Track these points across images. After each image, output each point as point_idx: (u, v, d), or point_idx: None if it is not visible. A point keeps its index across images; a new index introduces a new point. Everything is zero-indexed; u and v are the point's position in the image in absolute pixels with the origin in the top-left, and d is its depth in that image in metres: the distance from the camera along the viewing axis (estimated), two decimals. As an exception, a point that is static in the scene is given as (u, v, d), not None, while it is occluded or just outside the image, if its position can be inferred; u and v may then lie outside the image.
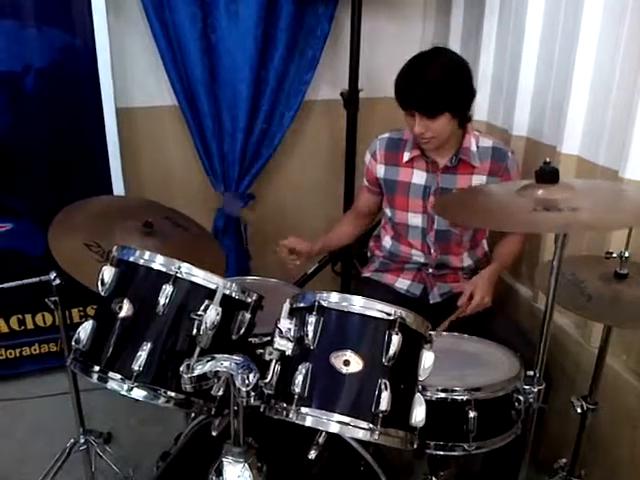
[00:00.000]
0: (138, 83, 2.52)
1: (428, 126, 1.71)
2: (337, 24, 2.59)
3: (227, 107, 2.51)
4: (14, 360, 2.52)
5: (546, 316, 1.24)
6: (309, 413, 1.06)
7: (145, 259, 1.19)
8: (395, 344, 1.07)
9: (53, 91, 2.24)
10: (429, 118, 1.69)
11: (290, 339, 1.11)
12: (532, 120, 2.14)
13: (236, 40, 2.42)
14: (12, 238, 2.37)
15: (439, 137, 1.75)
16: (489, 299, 1.75)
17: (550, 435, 1.86)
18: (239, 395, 1.08)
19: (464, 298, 1.73)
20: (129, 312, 1.16)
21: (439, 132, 1.73)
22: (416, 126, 1.71)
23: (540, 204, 1.17)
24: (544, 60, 2.05)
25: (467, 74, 1.74)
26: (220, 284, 1.17)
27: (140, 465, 1.97)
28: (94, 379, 1.16)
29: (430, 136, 1.74)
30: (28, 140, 2.27)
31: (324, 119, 2.81)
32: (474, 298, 1.72)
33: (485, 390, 1.36)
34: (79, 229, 1.60)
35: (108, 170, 2.36)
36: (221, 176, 2.62)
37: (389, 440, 1.08)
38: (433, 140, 1.76)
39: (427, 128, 1.72)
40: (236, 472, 1.14)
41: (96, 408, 2.04)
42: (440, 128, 1.72)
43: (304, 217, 2.83)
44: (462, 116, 1.78)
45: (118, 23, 2.37)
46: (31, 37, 2.14)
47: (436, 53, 1.74)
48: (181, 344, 1.16)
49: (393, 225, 1.97)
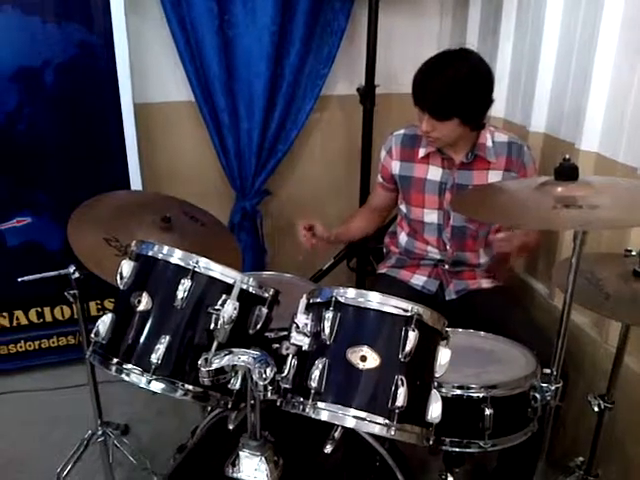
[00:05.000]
0: (155, 78, 2.54)
1: (435, 126, 1.71)
2: (354, 19, 2.59)
3: (243, 103, 2.53)
4: (33, 352, 2.56)
5: (564, 314, 1.23)
6: (325, 408, 1.07)
7: (164, 253, 1.20)
8: (412, 340, 1.07)
9: (72, 86, 2.26)
10: (437, 120, 1.69)
11: (307, 334, 1.12)
12: (550, 116, 2.12)
13: (252, 36, 2.43)
14: (31, 232, 2.40)
15: (444, 139, 1.75)
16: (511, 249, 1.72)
17: (566, 433, 1.85)
18: (256, 389, 1.09)
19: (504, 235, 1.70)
20: (148, 306, 1.17)
21: (445, 134, 1.72)
22: (424, 123, 1.71)
23: (560, 201, 1.16)
24: (563, 56, 2.03)
25: (485, 84, 1.71)
26: (237, 279, 1.17)
27: (156, 457, 1.99)
28: (113, 371, 1.17)
29: (435, 136, 1.73)
30: (47, 135, 2.30)
31: (340, 115, 2.81)
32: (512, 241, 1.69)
33: (501, 387, 1.36)
34: (98, 223, 1.61)
35: (126, 165, 2.38)
36: (237, 171, 2.63)
37: (405, 436, 1.08)
38: (438, 140, 1.76)
39: (433, 128, 1.71)
40: (252, 465, 1.16)
41: (113, 400, 2.05)
42: (447, 131, 1.71)
43: (319, 213, 2.81)
44: (473, 123, 1.75)
45: (136, 19, 2.38)
46: (51, 33, 2.16)
47: (459, 56, 1.71)
48: (199, 338, 1.16)
49: (409, 222, 1.97)
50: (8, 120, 2.24)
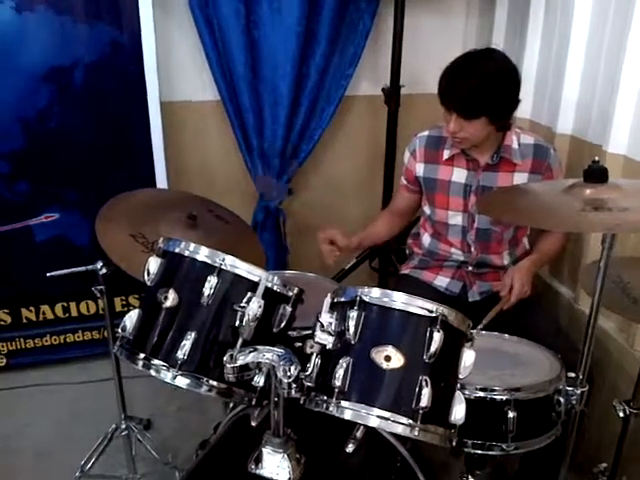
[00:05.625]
0: (182, 78, 2.57)
1: (463, 126, 1.69)
2: (379, 19, 2.59)
3: (268, 103, 2.54)
4: (58, 346, 2.61)
5: (591, 317, 1.22)
6: (349, 407, 1.07)
7: (190, 251, 1.21)
8: (436, 341, 1.07)
9: (100, 85, 2.30)
10: (465, 119, 1.68)
11: (331, 333, 1.12)
12: (577, 118, 2.10)
13: (278, 36, 2.44)
14: (59, 227, 2.44)
15: (472, 139, 1.73)
16: (528, 288, 1.73)
17: (590, 438, 1.83)
18: (280, 386, 1.10)
19: (505, 289, 1.71)
20: (174, 302, 1.17)
21: (472, 134, 1.71)
22: (451, 123, 1.70)
23: (589, 203, 1.15)
24: (591, 57, 2.01)
25: (513, 82, 1.70)
26: (263, 277, 1.18)
27: (178, 452, 2.01)
28: (139, 366, 1.18)
29: (463, 136, 1.72)
30: (76, 132, 2.34)
31: (364, 115, 2.80)
32: (514, 287, 1.69)
33: (525, 390, 1.35)
34: (125, 220, 1.64)
35: (152, 163, 2.42)
36: (261, 171, 2.64)
37: (428, 436, 1.08)
38: (465, 141, 1.74)
39: (461, 128, 1.70)
40: (275, 462, 1.16)
41: (136, 395, 2.09)
42: (474, 131, 1.70)
43: (342, 214, 2.84)
44: (500, 123, 1.74)
45: (164, 19, 2.42)
46: (82, 32, 2.21)
47: (486, 55, 1.70)
48: (224, 335, 1.17)
49: (433, 223, 1.96)
50: (39, 118, 2.28)
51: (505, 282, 1.73)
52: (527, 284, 1.72)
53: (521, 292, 1.70)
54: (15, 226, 2.41)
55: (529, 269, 1.77)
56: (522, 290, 1.70)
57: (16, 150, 2.30)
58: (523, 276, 1.73)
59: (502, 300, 1.71)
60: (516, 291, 1.69)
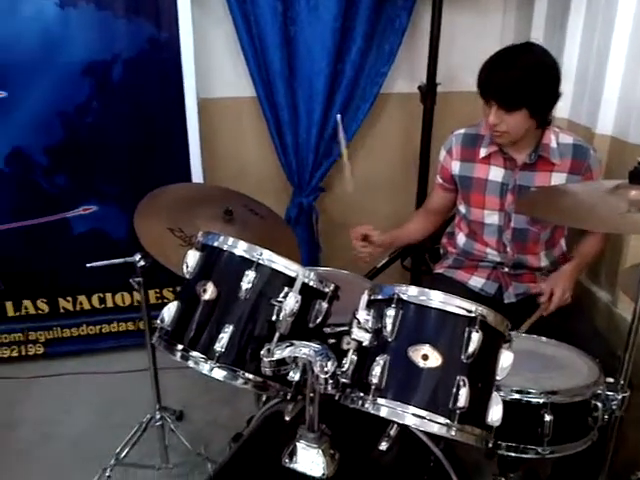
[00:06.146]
0: (219, 74, 2.59)
1: (503, 118, 1.67)
2: (416, 16, 2.57)
3: (303, 100, 2.54)
4: (94, 336, 2.66)
5: (634, 321, 1.19)
6: (385, 404, 1.07)
7: (229, 244, 1.22)
8: (475, 342, 1.06)
9: (138, 81, 2.34)
10: (506, 111, 1.66)
11: (368, 330, 1.12)
12: (618, 119, 2.06)
13: (315, 33, 2.44)
14: (97, 220, 2.49)
15: (512, 133, 1.71)
16: (569, 295, 1.70)
17: (628, 445, 1.79)
18: (317, 382, 1.10)
19: (545, 296, 1.69)
20: (213, 295, 1.19)
21: (513, 127, 1.69)
22: (491, 115, 1.68)
23: (634, 205, 1.12)
24: (634, 55, 1.96)
25: (554, 75, 1.68)
26: (300, 272, 1.18)
27: (210, 444, 2.04)
28: (177, 357, 1.19)
29: (503, 130, 1.70)
30: (114, 127, 2.38)
31: (399, 113, 2.79)
32: (555, 295, 1.67)
33: (562, 394, 1.33)
34: (163, 214, 1.67)
35: (188, 158, 2.44)
36: (295, 167, 2.65)
37: (465, 437, 1.07)
38: (505, 135, 1.72)
39: (502, 120, 1.68)
40: (310, 457, 1.17)
41: (169, 387, 2.12)
42: (515, 123, 1.68)
43: (375, 212, 2.82)
44: (541, 117, 1.72)
45: (202, 15, 2.44)
46: (121, 28, 2.24)
47: (526, 48, 1.69)
48: (260, 329, 1.18)
49: (468, 223, 1.95)
50: (77, 113, 2.33)
51: (545, 289, 1.70)
52: (568, 291, 1.70)
53: (561, 300, 1.68)
54: (52, 218, 2.46)
55: (571, 275, 1.74)
56: (563, 297, 1.68)
57: (55, 144, 2.35)
58: (564, 282, 1.70)
59: (541, 307, 1.68)
60: (556, 299, 1.67)
